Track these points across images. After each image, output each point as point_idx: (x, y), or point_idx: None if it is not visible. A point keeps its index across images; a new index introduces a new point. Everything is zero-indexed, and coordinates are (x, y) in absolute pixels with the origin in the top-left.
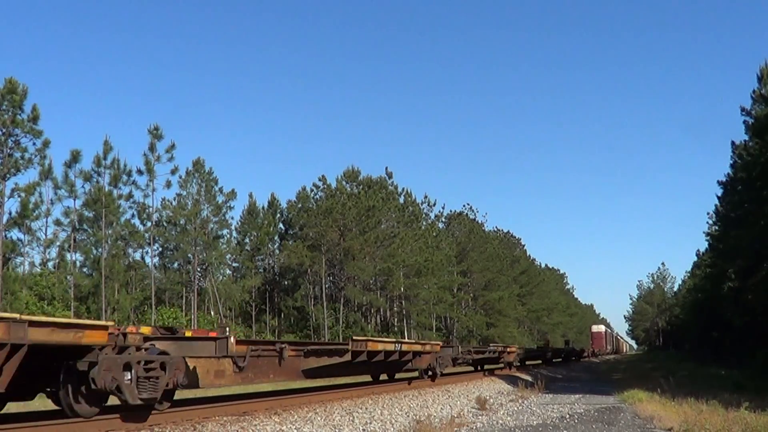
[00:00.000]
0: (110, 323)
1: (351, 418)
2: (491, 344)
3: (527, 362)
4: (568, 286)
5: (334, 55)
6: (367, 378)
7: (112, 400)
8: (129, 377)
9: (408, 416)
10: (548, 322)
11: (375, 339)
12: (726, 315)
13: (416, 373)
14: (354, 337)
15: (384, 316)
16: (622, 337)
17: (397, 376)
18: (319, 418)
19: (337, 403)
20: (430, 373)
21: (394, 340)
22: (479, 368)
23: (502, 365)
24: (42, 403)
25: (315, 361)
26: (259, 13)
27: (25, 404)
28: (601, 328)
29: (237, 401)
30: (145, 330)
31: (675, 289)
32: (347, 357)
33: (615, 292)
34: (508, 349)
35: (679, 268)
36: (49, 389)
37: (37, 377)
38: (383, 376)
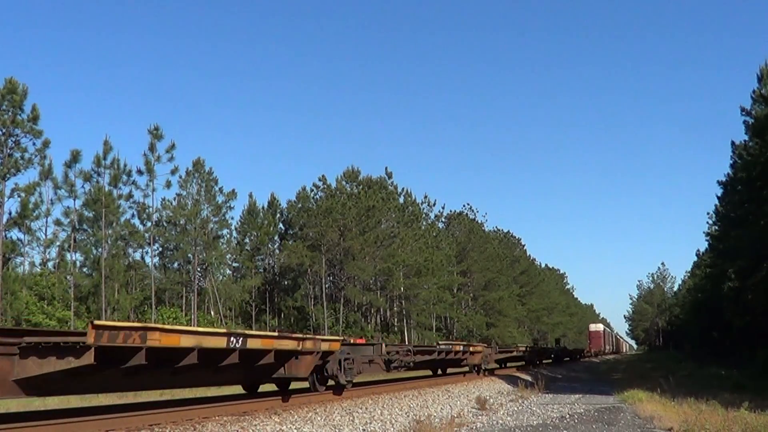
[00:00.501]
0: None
1: (351, 418)
2: (442, 342)
3: (508, 365)
4: (568, 286)
5: (334, 55)
6: (367, 378)
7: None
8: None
9: (408, 416)
10: (548, 322)
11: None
12: (726, 315)
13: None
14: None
15: (384, 316)
16: (622, 337)
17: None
18: (319, 418)
19: (337, 403)
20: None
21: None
22: (436, 373)
23: (467, 369)
24: (42, 402)
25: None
26: (259, 14)
27: (26, 404)
28: (600, 327)
29: (237, 401)
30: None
31: (675, 289)
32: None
33: (615, 292)
34: (472, 349)
35: (679, 268)
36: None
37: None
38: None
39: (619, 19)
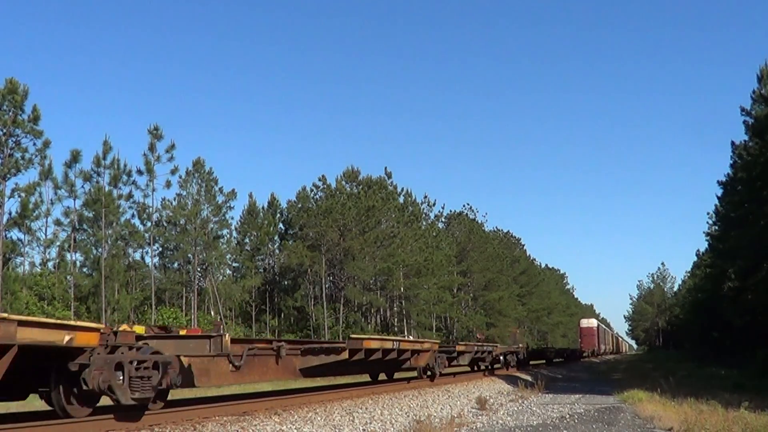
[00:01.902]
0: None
1: (351, 418)
2: (356, 336)
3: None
4: (568, 286)
5: (334, 54)
6: (366, 378)
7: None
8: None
9: (408, 416)
10: (548, 322)
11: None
12: (726, 315)
13: (415, 373)
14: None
15: (384, 316)
16: (621, 337)
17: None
18: (319, 418)
19: (337, 403)
20: (428, 372)
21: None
22: (377, 379)
23: (415, 374)
24: (42, 403)
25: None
26: (259, 13)
27: (25, 404)
28: (592, 323)
29: (237, 401)
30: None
31: (675, 289)
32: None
33: (615, 292)
34: (411, 346)
35: (679, 268)
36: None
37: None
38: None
39: (620, 18)
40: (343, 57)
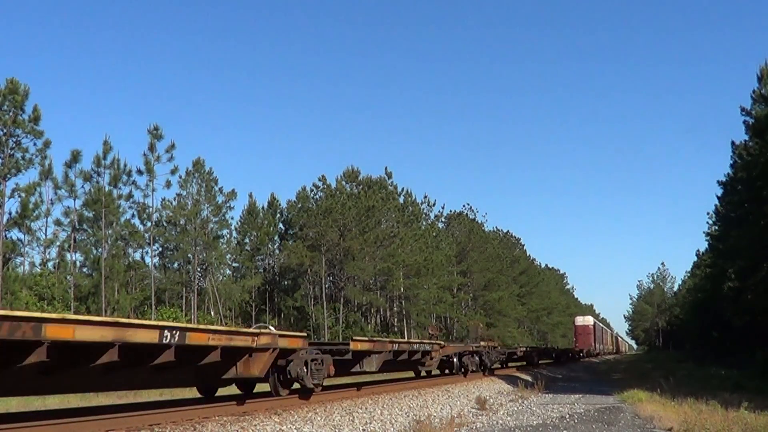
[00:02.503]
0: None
1: (351, 418)
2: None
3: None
4: (568, 286)
5: (334, 54)
6: (367, 378)
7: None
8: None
9: (408, 416)
10: (548, 322)
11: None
12: (726, 315)
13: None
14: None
15: (384, 316)
16: (621, 337)
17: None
18: (319, 418)
19: (337, 403)
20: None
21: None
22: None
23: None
24: (42, 402)
25: None
26: (258, 13)
27: (26, 404)
28: (588, 320)
29: (237, 401)
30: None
31: (675, 289)
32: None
33: (615, 292)
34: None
35: (679, 268)
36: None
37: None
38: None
39: (619, 18)
40: (343, 57)
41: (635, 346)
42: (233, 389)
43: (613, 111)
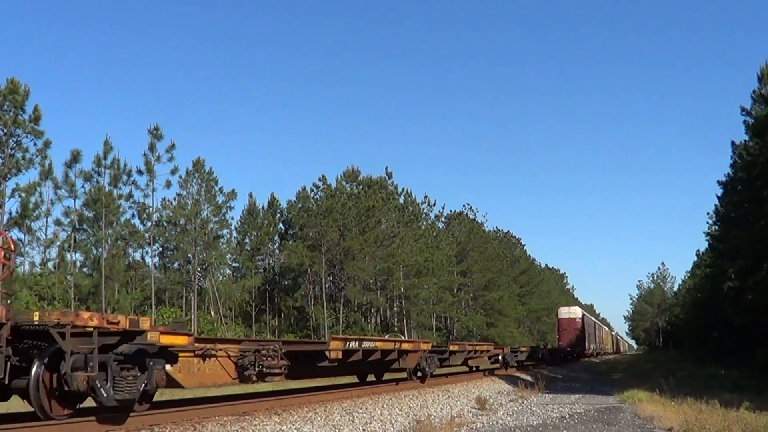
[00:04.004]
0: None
1: (351, 418)
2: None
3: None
4: (568, 286)
5: (334, 54)
6: (368, 378)
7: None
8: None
9: (408, 416)
10: (548, 322)
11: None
12: (726, 315)
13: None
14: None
15: (384, 316)
16: (621, 337)
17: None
18: (319, 418)
19: (337, 403)
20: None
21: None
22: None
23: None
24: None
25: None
26: (258, 13)
27: (25, 404)
28: (575, 312)
29: (237, 401)
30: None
31: (675, 289)
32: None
33: (615, 292)
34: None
35: (679, 268)
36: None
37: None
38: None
39: (619, 18)
40: (343, 57)
41: (635, 346)
42: (235, 389)
43: (613, 111)
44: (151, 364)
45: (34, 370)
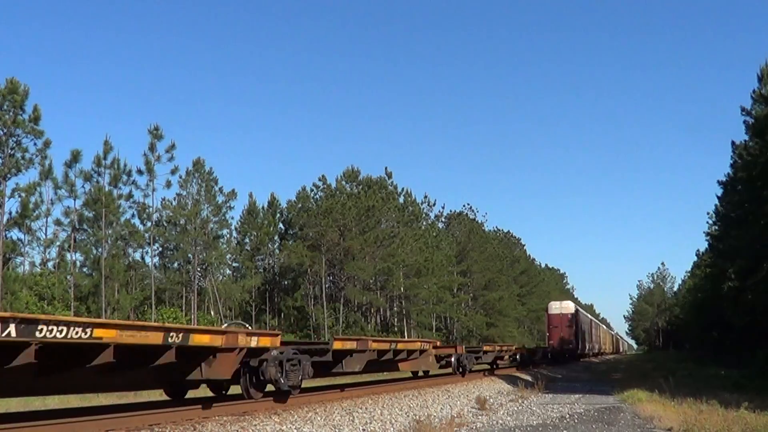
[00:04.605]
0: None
1: (351, 418)
2: None
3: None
4: (568, 286)
5: (334, 54)
6: (366, 378)
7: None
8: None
9: (408, 416)
10: None
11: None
12: (726, 315)
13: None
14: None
15: (384, 316)
16: (621, 337)
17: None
18: (319, 418)
19: (337, 403)
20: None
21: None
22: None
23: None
24: (42, 402)
25: None
26: (259, 13)
27: (26, 404)
28: (566, 308)
29: (237, 401)
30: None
31: (675, 289)
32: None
33: (615, 292)
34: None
35: (679, 268)
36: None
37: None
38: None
39: (619, 18)
40: (343, 57)
41: (635, 346)
42: (235, 389)
43: (613, 111)
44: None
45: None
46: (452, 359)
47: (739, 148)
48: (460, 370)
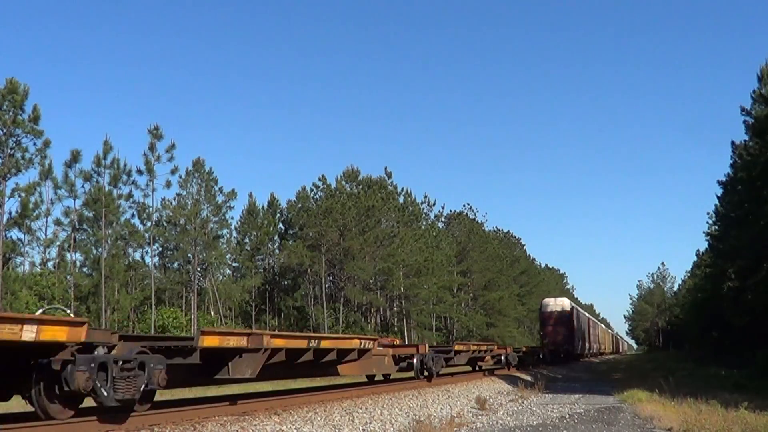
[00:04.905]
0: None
1: (351, 418)
2: None
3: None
4: (568, 286)
5: (334, 54)
6: (360, 379)
7: None
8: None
9: (408, 416)
10: None
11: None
12: (726, 315)
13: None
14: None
15: (384, 316)
16: (621, 337)
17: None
18: (319, 418)
19: (337, 403)
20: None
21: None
22: None
23: None
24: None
25: None
26: (259, 13)
27: (25, 404)
28: (561, 304)
29: (237, 401)
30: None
31: (675, 289)
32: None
33: (615, 292)
34: None
35: (679, 268)
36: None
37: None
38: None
39: (619, 18)
40: (343, 57)
41: (635, 346)
42: (234, 389)
43: (613, 111)
44: None
45: None
46: (414, 361)
47: (739, 148)
48: (425, 373)
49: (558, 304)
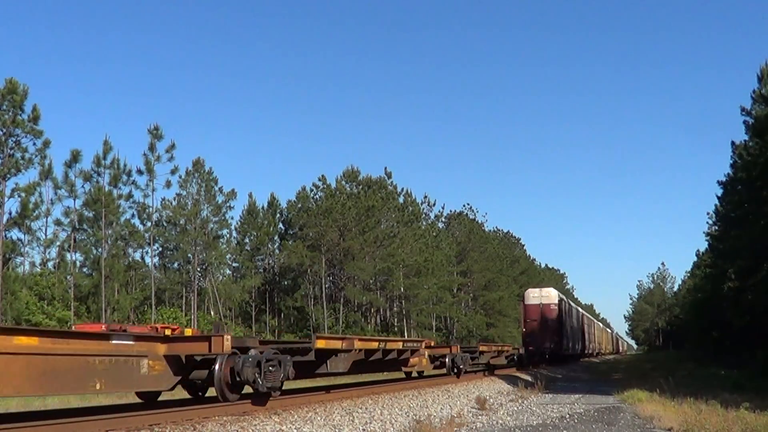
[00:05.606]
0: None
1: (351, 418)
2: None
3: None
4: (567, 286)
5: (334, 54)
6: (368, 378)
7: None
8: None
9: (408, 416)
10: None
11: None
12: (726, 315)
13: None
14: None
15: (384, 316)
16: (621, 337)
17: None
18: (319, 418)
19: (337, 403)
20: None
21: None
22: None
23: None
24: (42, 402)
25: None
26: (259, 13)
27: (25, 404)
28: (549, 296)
29: (237, 401)
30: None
31: (675, 289)
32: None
33: (615, 292)
34: None
35: (679, 268)
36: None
37: None
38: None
39: (619, 18)
40: (343, 57)
41: (635, 346)
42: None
43: (613, 111)
44: None
45: None
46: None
47: (739, 148)
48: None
49: (543, 295)
